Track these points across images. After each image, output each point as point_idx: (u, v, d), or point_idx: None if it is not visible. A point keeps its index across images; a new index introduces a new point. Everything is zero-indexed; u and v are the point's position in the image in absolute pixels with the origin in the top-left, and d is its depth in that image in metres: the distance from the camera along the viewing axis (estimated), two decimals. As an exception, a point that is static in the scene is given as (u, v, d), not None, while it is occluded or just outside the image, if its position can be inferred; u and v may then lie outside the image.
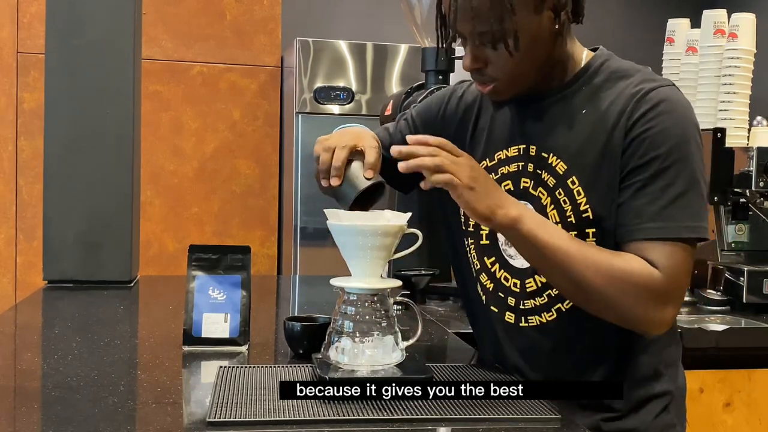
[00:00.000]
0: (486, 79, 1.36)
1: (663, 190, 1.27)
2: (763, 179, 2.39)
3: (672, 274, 1.26)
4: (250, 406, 1.14)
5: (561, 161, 1.35)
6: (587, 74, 1.38)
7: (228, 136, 3.87)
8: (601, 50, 1.42)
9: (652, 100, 1.30)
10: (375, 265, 1.28)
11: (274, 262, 3.94)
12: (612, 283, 1.26)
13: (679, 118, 1.30)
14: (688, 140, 1.29)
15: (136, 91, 2.43)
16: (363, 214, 1.31)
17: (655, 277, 1.26)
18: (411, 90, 2.36)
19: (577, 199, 1.33)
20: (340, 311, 1.28)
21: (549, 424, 1.16)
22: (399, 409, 1.15)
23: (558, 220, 1.34)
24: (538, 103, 1.40)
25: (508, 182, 1.41)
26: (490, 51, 1.32)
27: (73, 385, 1.28)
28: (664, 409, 1.41)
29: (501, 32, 1.28)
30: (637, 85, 1.32)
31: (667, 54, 2.81)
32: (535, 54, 1.33)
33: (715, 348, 2.16)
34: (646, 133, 1.28)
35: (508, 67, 1.33)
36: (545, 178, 1.36)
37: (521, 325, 1.41)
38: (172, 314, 1.88)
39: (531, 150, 1.39)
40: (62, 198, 2.33)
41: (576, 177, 1.33)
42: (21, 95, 3.64)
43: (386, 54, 3.77)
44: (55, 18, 2.32)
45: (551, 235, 1.27)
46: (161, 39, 3.77)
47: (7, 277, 3.66)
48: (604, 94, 1.35)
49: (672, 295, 1.28)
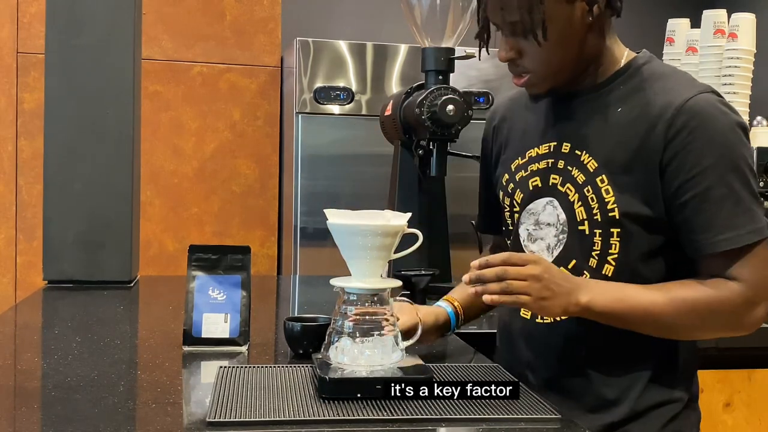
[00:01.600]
0: (520, 70, 1.38)
1: (722, 201, 1.28)
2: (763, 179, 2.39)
3: (751, 280, 1.29)
4: (250, 406, 1.14)
5: (593, 159, 1.35)
6: (626, 74, 1.38)
7: (228, 136, 3.87)
8: (643, 52, 1.42)
9: (693, 110, 1.29)
10: (375, 266, 1.28)
11: (274, 262, 3.94)
12: (702, 319, 1.31)
13: (720, 126, 1.30)
14: (734, 144, 1.30)
15: (136, 91, 2.42)
16: (363, 214, 1.31)
17: (735, 291, 1.29)
18: (411, 90, 2.35)
19: (605, 197, 1.33)
20: (340, 311, 1.28)
21: (549, 424, 1.16)
22: (399, 409, 1.15)
23: (585, 218, 1.35)
24: (573, 99, 1.40)
25: (537, 179, 1.42)
26: (522, 41, 1.33)
27: (73, 385, 1.28)
28: (674, 418, 1.39)
29: (530, 22, 1.29)
30: (676, 92, 1.32)
31: (667, 54, 2.81)
32: (567, 46, 1.33)
33: (715, 348, 2.16)
34: (690, 146, 1.28)
35: (541, 58, 1.34)
36: (575, 175, 1.37)
37: (537, 321, 1.42)
38: (172, 314, 1.88)
39: (564, 147, 1.39)
40: (62, 198, 2.33)
41: (605, 176, 1.33)
42: (21, 95, 3.64)
43: (386, 54, 3.77)
44: (55, 18, 2.32)
45: (626, 303, 1.30)
46: (161, 39, 3.77)
47: (7, 277, 3.65)
48: (640, 95, 1.35)
49: (757, 299, 1.31)
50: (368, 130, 3.45)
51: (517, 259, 1.24)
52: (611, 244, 1.33)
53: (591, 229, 1.34)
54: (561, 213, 1.38)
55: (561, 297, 1.25)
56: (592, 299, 1.28)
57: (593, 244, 1.34)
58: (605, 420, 1.36)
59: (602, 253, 1.34)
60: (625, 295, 1.30)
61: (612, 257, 1.34)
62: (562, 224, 1.37)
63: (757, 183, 1.35)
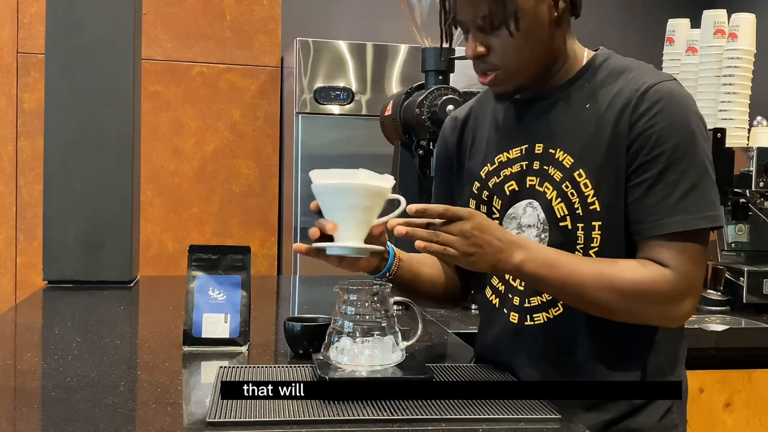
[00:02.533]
0: (488, 67, 1.37)
1: (675, 184, 1.29)
2: (763, 179, 2.39)
3: (684, 270, 1.29)
4: (250, 406, 1.14)
5: (568, 155, 1.36)
6: (588, 72, 1.39)
7: (228, 136, 3.87)
8: (602, 50, 1.44)
9: (656, 95, 1.31)
10: (357, 228, 1.28)
11: (274, 262, 3.94)
12: (628, 298, 1.29)
13: (683, 111, 1.31)
14: (694, 132, 1.30)
15: (136, 91, 2.43)
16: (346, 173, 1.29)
17: (668, 279, 1.28)
18: (411, 90, 2.36)
19: (584, 191, 1.34)
20: (340, 311, 1.28)
21: (549, 424, 1.16)
22: (399, 409, 1.15)
23: (566, 213, 1.35)
24: (539, 102, 1.41)
25: (512, 183, 1.42)
26: (491, 37, 1.34)
27: (73, 385, 1.28)
28: (669, 410, 1.40)
29: (501, 14, 1.30)
30: (640, 80, 1.33)
31: (667, 54, 2.81)
32: (535, 40, 1.34)
33: (715, 348, 2.16)
34: (652, 129, 1.29)
35: (510, 53, 1.34)
36: (552, 173, 1.37)
37: (526, 324, 1.41)
38: (172, 314, 1.88)
39: (537, 148, 1.40)
40: (62, 198, 2.33)
41: (583, 170, 1.34)
42: (21, 95, 3.64)
43: (386, 54, 3.77)
44: (55, 18, 2.32)
45: (557, 268, 1.29)
46: (161, 39, 3.77)
47: (7, 277, 3.65)
48: (605, 89, 1.36)
49: (687, 290, 1.30)
50: (368, 130, 3.45)
51: (451, 213, 1.26)
52: (593, 238, 1.34)
53: (573, 223, 1.35)
54: (540, 213, 1.38)
55: (490, 255, 1.27)
56: (525, 260, 1.28)
57: (576, 239, 1.35)
58: (603, 417, 1.36)
59: (585, 246, 1.35)
60: (558, 262, 1.30)
61: (593, 250, 1.34)
62: (542, 223, 1.38)
63: (714, 172, 1.33)
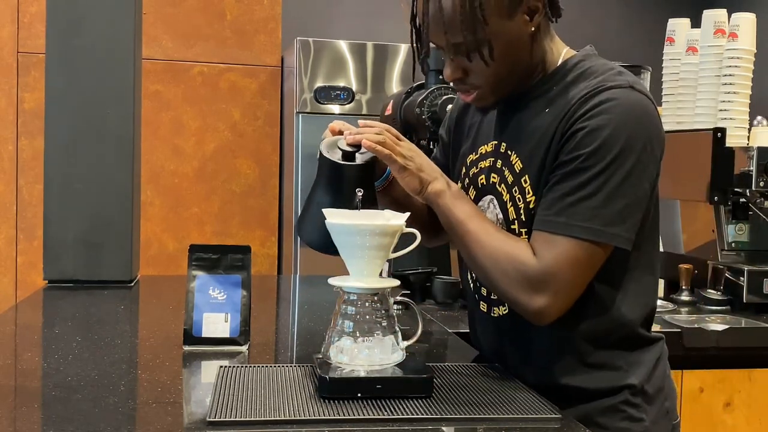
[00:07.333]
0: (468, 87, 1.37)
1: (578, 187, 1.25)
2: (763, 179, 2.39)
3: (548, 264, 1.26)
4: (250, 406, 1.14)
5: (519, 159, 1.36)
6: (558, 75, 1.37)
7: (228, 136, 3.87)
8: (582, 50, 1.40)
9: (597, 99, 1.27)
10: (373, 265, 1.28)
11: (274, 262, 3.94)
12: (494, 263, 1.31)
13: (622, 119, 1.25)
14: (627, 142, 1.24)
15: (136, 91, 2.42)
16: (362, 214, 1.31)
17: (530, 264, 1.27)
18: (411, 90, 2.36)
19: (527, 197, 1.34)
20: (340, 311, 1.28)
21: (549, 424, 1.16)
22: (399, 409, 1.15)
23: (515, 217, 1.36)
24: (516, 101, 1.40)
25: (483, 176, 1.44)
26: (467, 61, 1.32)
27: (73, 385, 1.28)
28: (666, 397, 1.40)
29: (474, 43, 1.28)
30: (594, 85, 1.29)
31: (667, 54, 2.81)
32: (513, 59, 1.33)
33: (715, 348, 2.16)
34: (579, 132, 1.26)
35: (488, 75, 1.33)
36: (506, 175, 1.38)
37: (492, 315, 1.44)
38: (172, 314, 1.88)
39: (501, 146, 1.41)
40: (62, 198, 2.33)
41: (528, 176, 1.34)
42: (21, 95, 3.64)
43: (386, 54, 3.77)
44: (55, 18, 2.32)
45: (462, 212, 1.34)
46: (161, 39, 3.77)
47: (7, 277, 3.66)
48: (565, 94, 1.33)
49: (545, 285, 1.26)
50: (368, 130, 3.45)
51: (396, 133, 1.37)
52: None
53: (519, 228, 1.35)
54: (499, 212, 1.39)
55: (423, 174, 1.35)
56: (444, 192, 1.35)
57: None
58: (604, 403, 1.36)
59: None
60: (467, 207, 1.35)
61: None
62: (501, 223, 1.39)
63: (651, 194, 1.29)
